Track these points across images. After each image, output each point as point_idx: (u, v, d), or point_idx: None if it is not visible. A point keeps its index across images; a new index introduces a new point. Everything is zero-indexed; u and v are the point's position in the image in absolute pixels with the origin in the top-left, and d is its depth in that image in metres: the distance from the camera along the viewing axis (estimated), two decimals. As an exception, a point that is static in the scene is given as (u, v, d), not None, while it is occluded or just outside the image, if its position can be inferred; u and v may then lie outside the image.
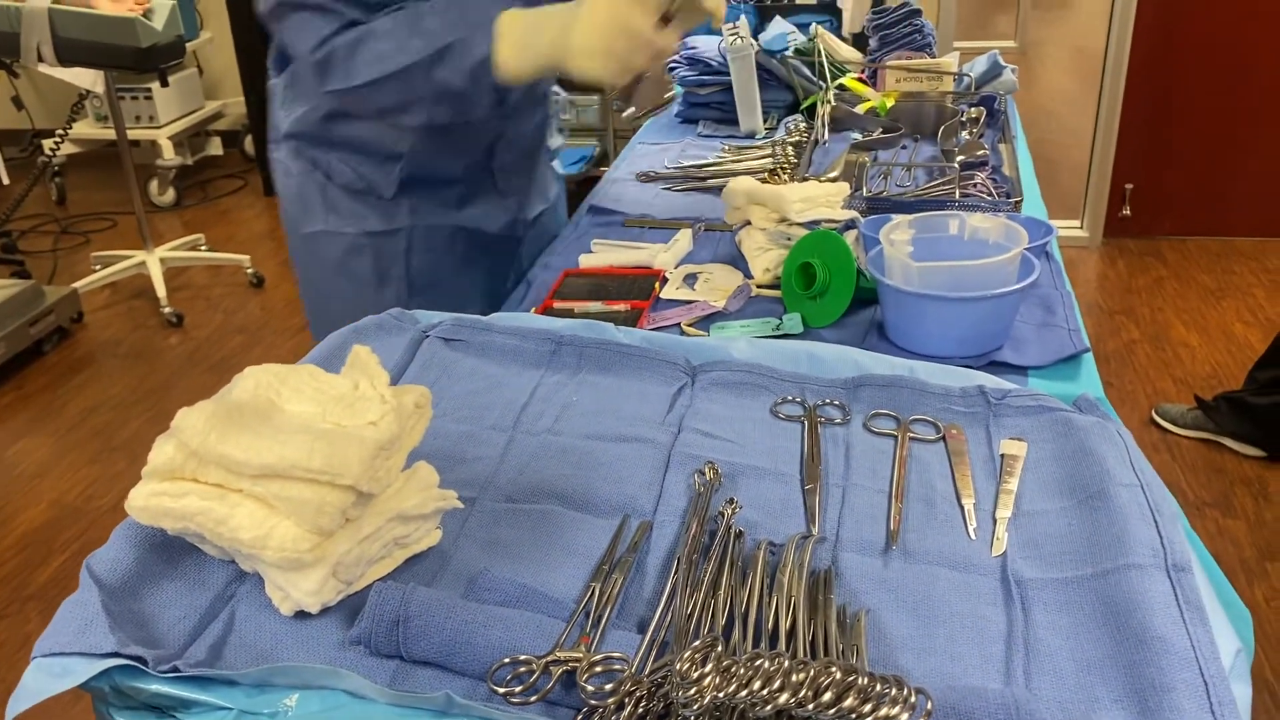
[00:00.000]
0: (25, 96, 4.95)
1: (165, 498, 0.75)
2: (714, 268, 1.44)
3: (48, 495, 2.69)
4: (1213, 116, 3.87)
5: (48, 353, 3.42)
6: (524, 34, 1.15)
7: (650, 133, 2.19)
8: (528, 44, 1.15)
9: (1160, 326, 3.39)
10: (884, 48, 2.27)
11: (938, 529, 0.86)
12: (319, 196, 1.43)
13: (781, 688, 0.62)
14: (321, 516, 0.72)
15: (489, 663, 0.70)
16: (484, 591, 0.77)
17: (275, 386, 0.80)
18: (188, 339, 3.53)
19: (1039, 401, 1.00)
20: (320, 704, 0.68)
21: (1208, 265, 3.82)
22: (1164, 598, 0.73)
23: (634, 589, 0.80)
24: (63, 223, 4.52)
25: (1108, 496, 0.84)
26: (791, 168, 1.78)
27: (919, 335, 1.18)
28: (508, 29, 1.15)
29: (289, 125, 1.42)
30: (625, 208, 1.71)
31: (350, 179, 1.41)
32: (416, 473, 0.81)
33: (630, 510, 0.88)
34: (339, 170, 1.41)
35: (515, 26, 1.15)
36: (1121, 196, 4.03)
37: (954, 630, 0.75)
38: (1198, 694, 0.66)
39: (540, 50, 1.15)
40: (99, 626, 0.71)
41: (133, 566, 0.78)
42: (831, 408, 1.03)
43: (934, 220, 1.26)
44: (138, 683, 0.69)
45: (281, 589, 0.75)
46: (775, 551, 0.82)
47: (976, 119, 1.89)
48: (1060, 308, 1.27)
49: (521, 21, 1.15)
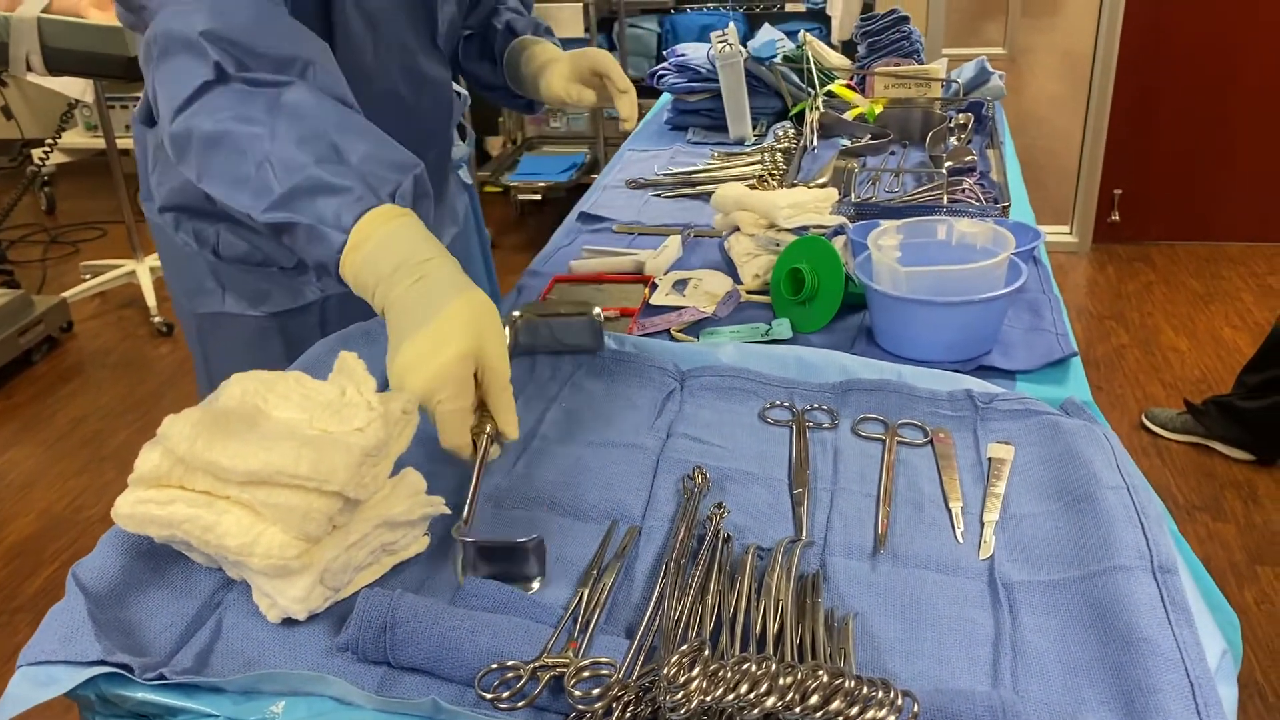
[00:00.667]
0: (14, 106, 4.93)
1: (152, 505, 0.74)
2: (703, 273, 1.44)
3: (37, 505, 2.68)
4: (1200, 122, 3.89)
5: (37, 362, 3.41)
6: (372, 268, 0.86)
7: (640, 140, 2.19)
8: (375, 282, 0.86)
9: (1149, 331, 3.40)
10: (872, 54, 2.28)
11: (925, 532, 0.86)
12: (211, 275, 1.25)
13: (768, 691, 0.62)
14: (308, 523, 0.72)
15: (476, 668, 0.70)
16: (471, 597, 0.77)
17: (262, 393, 0.80)
18: (178, 348, 3.51)
19: (1026, 405, 1.00)
20: (307, 710, 0.67)
21: (1196, 270, 3.84)
22: (1150, 599, 0.73)
23: (622, 594, 0.80)
24: (52, 232, 4.51)
25: (1094, 499, 0.84)
26: (780, 174, 1.79)
27: (907, 340, 1.19)
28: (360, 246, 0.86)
29: (166, 196, 1.22)
30: (615, 214, 1.71)
31: (245, 251, 1.23)
32: (404, 479, 0.81)
33: (619, 515, 0.88)
34: (229, 243, 1.22)
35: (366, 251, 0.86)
36: (1110, 202, 4.05)
37: (941, 633, 0.75)
38: (1184, 695, 0.66)
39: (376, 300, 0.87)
40: (85, 634, 0.70)
41: (119, 574, 0.78)
42: (820, 412, 1.03)
43: (922, 225, 1.27)
44: (124, 690, 0.69)
45: (268, 596, 0.74)
46: (763, 556, 0.82)
47: (964, 125, 1.90)
48: (1048, 312, 1.28)
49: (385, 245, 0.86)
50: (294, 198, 0.87)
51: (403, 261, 0.85)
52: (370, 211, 0.86)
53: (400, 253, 0.86)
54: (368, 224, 0.86)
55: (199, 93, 0.91)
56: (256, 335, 1.28)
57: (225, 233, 1.23)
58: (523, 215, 4.52)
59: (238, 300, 1.26)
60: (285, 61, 0.93)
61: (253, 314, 1.27)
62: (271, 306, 1.27)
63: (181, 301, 1.32)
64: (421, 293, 0.84)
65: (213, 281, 1.26)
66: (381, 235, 0.86)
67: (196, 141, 0.92)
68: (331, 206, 0.86)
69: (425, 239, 0.88)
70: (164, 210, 1.24)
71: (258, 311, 1.27)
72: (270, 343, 1.27)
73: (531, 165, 4.43)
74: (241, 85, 0.91)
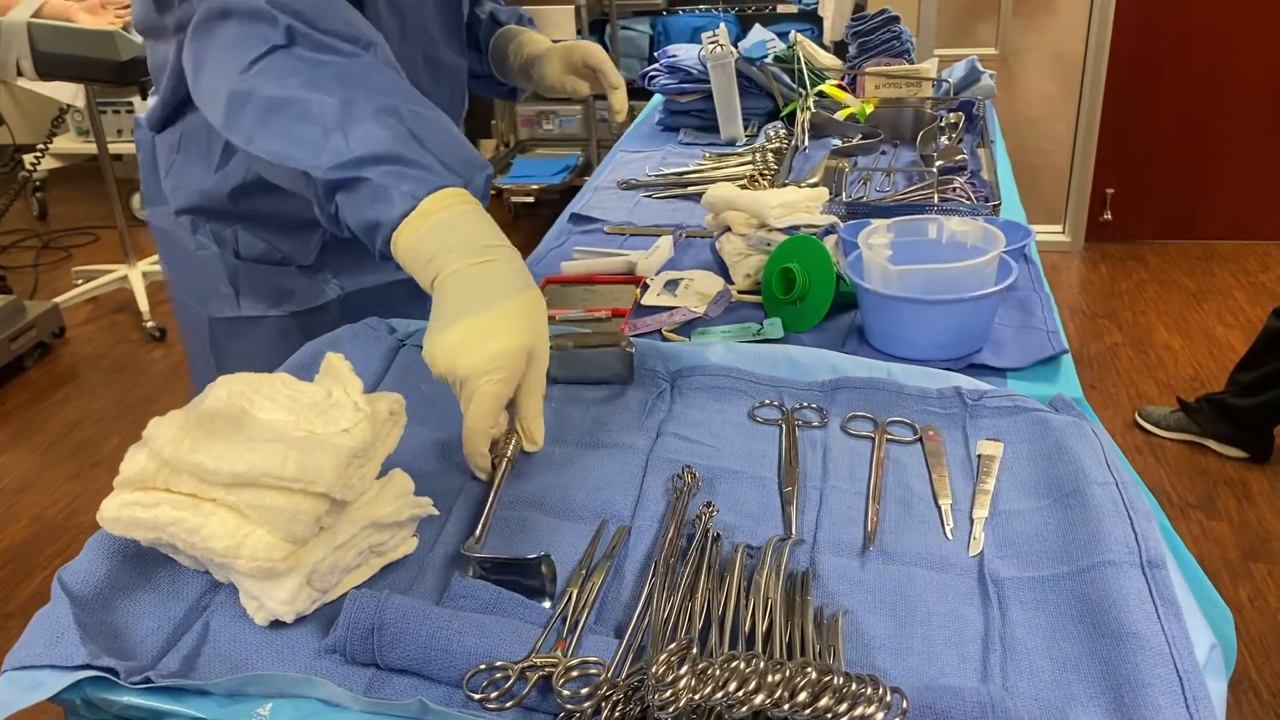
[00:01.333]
0: (5, 111, 4.93)
1: (137, 508, 0.74)
2: (695, 274, 1.44)
3: (29, 511, 2.67)
4: (1192, 121, 3.90)
5: (29, 368, 3.40)
6: (436, 239, 0.86)
7: (632, 141, 2.19)
8: (433, 252, 0.87)
9: (1142, 330, 3.41)
10: (863, 54, 2.28)
11: (915, 530, 0.86)
12: (227, 278, 1.24)
13: (757, 689, 0.62)
14: (295, 525, 0.72)
15: (465, 669, 0.69)
16: (459, 598, 0.76)
17: (248, 395, 0.79)
18: (171, 353, 3.51)
19: (1015, 402, 1.00)
20: (295, 712, 0.67)
21: (1189, 268, 3.85)
22: (1139, 594, 0.73)
23: (611, 594, 0.80)
24: (44, 237, 4.50)
25: (1083, 495, 0.84)
26: (772, 174, 1.79)
27: (898, 339, 1.19)
28: (427, 215, 0.87)
29: (185, 199, 1.21)
30: (606, 215, 1.71)
31: (263, 251, 1.23)
32: (391, 480, 0.81)
33: (608, 515, 0.88)
34: (249, 244, 1.23)
35: (432, 222, 0.87)
36: (1103, 201, 4.06)
37: (931, 630, 0.75)
38: (1173, 689, 0.66)
39: (430, 268, 0.87)
40: (70, 638, 0.70)
41: (105, 578, 0.77)
42: (809, 411, 1.03)
43: (913, 224, 1.27)
44: (110, 694, 0.68)
45: (256, 598, 0.74)
46: (752, 554, 0.82)
47: (955, 124, 1.90)
48: (1039, 310, 1.28)
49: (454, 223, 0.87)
50: (367, 162, 0.87)
51: (469, 241, 0.86)
52: (445, 190, 0.87)
53: (467, 233, 0.86)
54: (439, 200, 0.87)
55: (265, 55, 0.92)
56: (277, 335, 1.26)
57: (243, 233, 1.23)
58: (516, 218, 4.52)
59: (255, 302, 1.26)
60: (351, 37, 0.95)
61: (273, 314, 1.26)
62: (292, 306, 1.27)
63: (191, 306, 1.30)
64: (485, 276, 0.85)
65: (227, 285, 1.25)
66: (452, 213, 0.87)
67: (257, 102, 0.92)
68: (407, 176, 0.87)
69: (495, 229, 0.89)
70: (181, 213, 1.23)
71: (278, 311, 1.26)
72: (290, 342, 1.23)
73: (524, 168, 4.43)
74: (310, 53, 0.91)
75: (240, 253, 1.24)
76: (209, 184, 1.17)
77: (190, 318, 1.32)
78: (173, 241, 1.27)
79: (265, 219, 1.20)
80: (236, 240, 1.23)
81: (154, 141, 1.24)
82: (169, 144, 1.22)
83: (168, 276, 1.34)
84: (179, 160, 1.21)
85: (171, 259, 1.30)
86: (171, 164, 1.23)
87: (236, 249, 1.24)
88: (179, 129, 1.20)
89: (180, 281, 1.31)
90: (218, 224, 1.22)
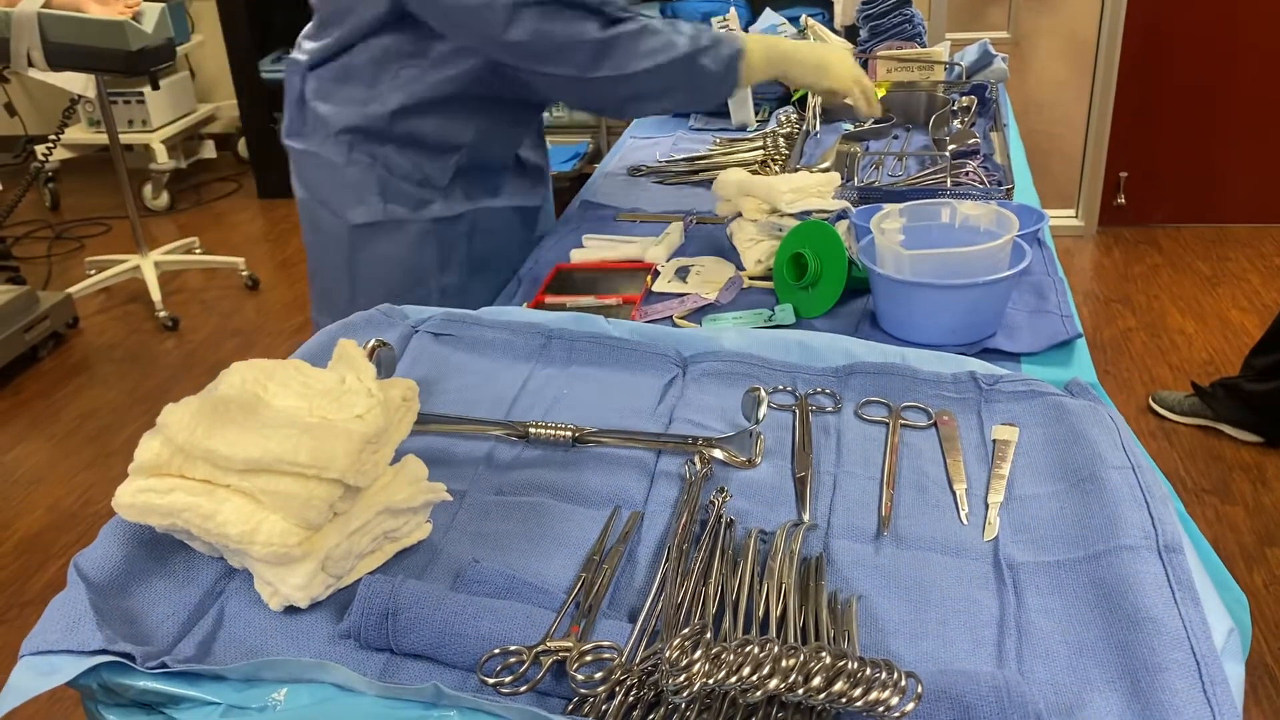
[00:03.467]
0: (17, 102, 4.94)
1: (152, 494, 0.74)
2: (706, 260, 1.43)
3: (45, 500, 2.68)
4: (1206, 103, 3.87)
5: (43, 358, 3.41)
6: (765, 47, 1.47)
7: (642, 127, 2.18)
8: (769, 54, 1.47)
9: (1156, 314, 3.38)
10: (874, 38, 2.27)
11: (929, 515, 0.85)
12: (377, 188, 1.45)
13: (771, 673, 0.62)
14: (309, 510, 0.72)
15: (479, 654, 0.69)
16: (473, 583, 0.77)
17: (262, 381, 0.79)
18: (184, 342, 3.52)
19: (1030, 386, 0.99)
20: (309, 697, 0.67)
21: (1203, 252, 3.82)
22: (1155, 579, 0.73)
23: (624, 579, 0.80)
24: (56, 228, 4.51)
25: (1099, 479, 0.84)
26: (783, 159, 1.78)
27: (911, 324, 1.18)
28: (751, 40, 1.45)
29: (347, 120, 1.42)
30: (617, 202, 1.71)
31: (408, 170, 1.44)
32: (405, 466, 0.81)
33: (621, 501, 0.88)
34: (397, 163, 1.44)
35: (756, 40, 1.47)
36: (1116, 185, 4.03)
37: (946, 614, 0.75)
38: (1190, 673, 0.65)
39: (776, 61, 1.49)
40: (87, 624, 0.70)
41: (121, 564, 0.78)
42: (822, 396, 1.02)
43: (925, 209, 1.26)
44: (126, 679, 0.69)
45: (270, 584, 0.74)
46: (766, 539, 0.82)
47: (968, 108, 1.89)
48: (1053, 294, 1.27)
49: (760, 39, 1.49)
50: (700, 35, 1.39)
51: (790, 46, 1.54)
52: None
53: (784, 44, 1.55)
54: None
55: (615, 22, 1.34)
56: (414, 239, 1.47)
57: (394, 154, 1.43)
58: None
59: (401, 208, 1.45)
60: None
61: (412, 219, 1.46)
62: (430, 214, 1.47)
63: (329, 221, 1.48)
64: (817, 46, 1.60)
65: (376, 195, 1.45)
66: None
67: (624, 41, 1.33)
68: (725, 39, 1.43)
69: None
70: (342, 133, 1.43)
71: (417, 217, 1.46)
72: (426, 245, 1.47)
73: (534, 155, 4.41)
74: None
75: (390, 169, 1.44)
76: (372, 108, 1.40)
77: (328, 230, 1.49)
78: (319, 161, 1.46)
79: (414, 140, 1.42)
80: (388, 159, 1.43)
81: (304, 78, 1.45)
82: (328, 77, 1.43)
83: (304, 197, 1.51)
84: (343, 89, 1.42)
85: (315, 178, 1.48)
86: (330, 92, 1.43)
87: (387, 166, 1.44)
88: (343, 63, 1.41)
89: (323, 197, 1.48)
90: (373, 144, 1.43)
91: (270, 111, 4.57)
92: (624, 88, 1.36)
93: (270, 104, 4.57)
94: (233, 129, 5.13)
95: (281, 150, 1.53)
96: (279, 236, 4.37)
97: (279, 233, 4.41)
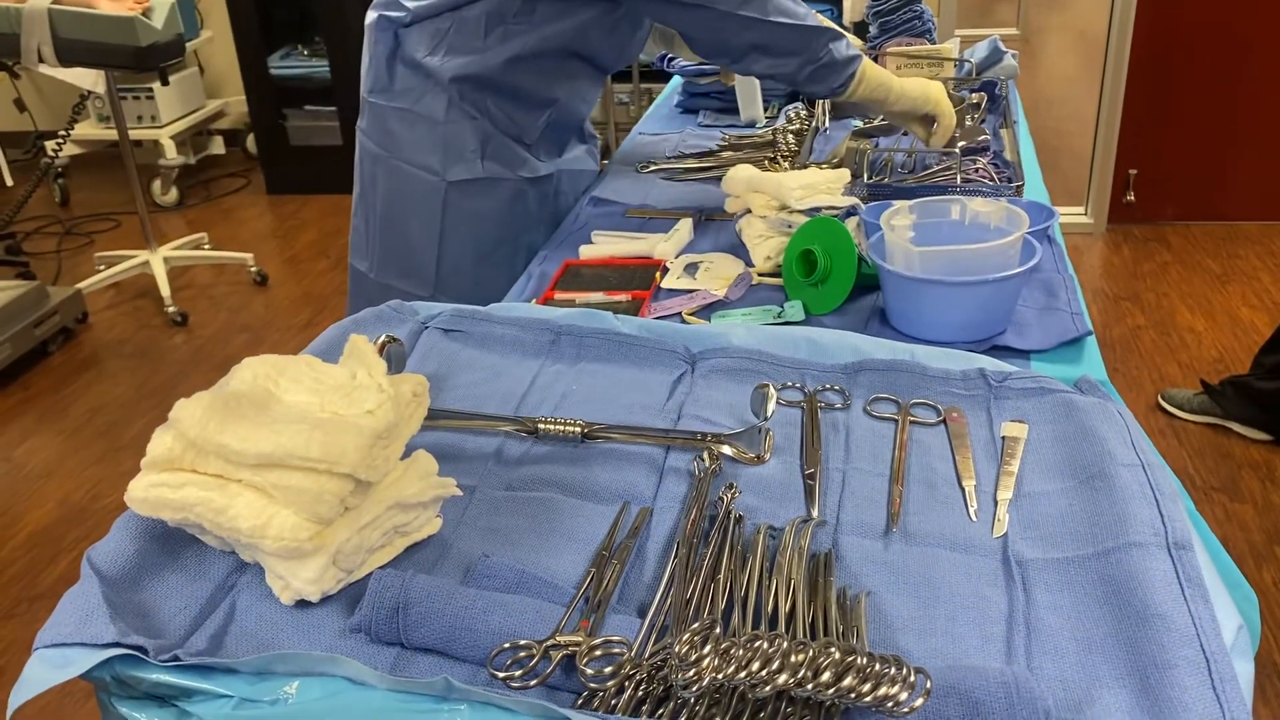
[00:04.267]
0: (27, 98, 4.95)
1: (164, 488, 0.75)
2: (715, 257, 1.43)
3: (54, 495, 2.70)
4: (1216, 101, 3.85)
5: (53, 353, 3.43)
6: (875, 68, 1.53)
7: (651, 123, 2.18)
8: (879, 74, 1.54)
9: (1166, 312, 3.38)
10: (884, 34, 2.26)
11: (939, 511, 0.85)
12: (478, 143, 1.50)
13: (780, 669, 0.62)
14: (320, 505, 0.72)
15: (489, 648, 0.70)
16: (483, 578, 0.77)
17: (273, 377, 0.80)
18: (192, 338, 3.53)
19: (1040, 383, 0.99)
20: (321, 691, 0.68)
21: (1213, 250, 3.80)
22: (1165, 575, 0.73)
23: (634, 574, 0.80)
24: (66, 224, 4.52)
25: (1109, 476, 0.84)
26: (792, 155, 1.78)
27: (921, 321, 1.18)
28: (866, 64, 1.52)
29: (455, 69, 1.46)
30: (626, 198, 1.71)
31: (504, 124, 1.50)
32: (415, 461, 0.81)
33: (630, 497, 0.88)
34: (497, 114, 1.50)
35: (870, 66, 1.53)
36: (1125, 182, 4.01)
37: (954, 611, 0.75)
38: (1199, 670, 0.65)
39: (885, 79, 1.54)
40: (100, 617, 0.71)
41: (133, 558, 0.78)
42: (831, 393, 1.02)
43: (935, 205, 1.26)
44: (139, 672, 0.69)
45: (282, 578, 0.75)
46: (775, 535, 0.82)
47: (978, 104, 1.88)
48: (1063, 291, 1.27)
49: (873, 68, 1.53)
50: None
51: None
52: None
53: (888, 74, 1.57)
54: None
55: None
56: (510, 195, 1.54)
57: (496, 103, 1.49)
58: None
59: (500, 166, 1.52)
60: None
61: (509, 177, 1.53)
62: (526, 172, 1.55)
63: (422, 176, 1.52)
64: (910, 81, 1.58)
65: (476, 151, 1.50)
66: None
67: None
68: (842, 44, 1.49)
69: None
70: (453, 82, 1.48)
71: (513, 175, 1.53)
72: (521, 203, 1.55)
73: (542, 152, 4.41)
74: None
75: (494, 120, 1.50)
76: (488, 56, 1.45)
77: (415, 187, 1.53)
78: (413, 118, 1.50)
79: (518, 92, 1.49)
80: (490, 111, 1.49)
81: (399, 36, 1.49)
82: (434, 31, 1.48)
83: (380, 154, 1.55)
84: (454, 40, 1.47)
85: (404, 136, 1.52)
86: (437, 45, 1.48)
87: (491, 118, 1.50)
88: (451, 19, 1.46)
89: (411, 154, 1.52)
90: (481, 94, 1.48)
91: (279, 107, 4.58)
92: (758, 32, 1.41)
93: (279, 100, 4.57)
94: (241, 125, 5.14)
95: (290, 146, 1.56)
96: (287, 232, 4.38)
97: (287, 229, 4.42)
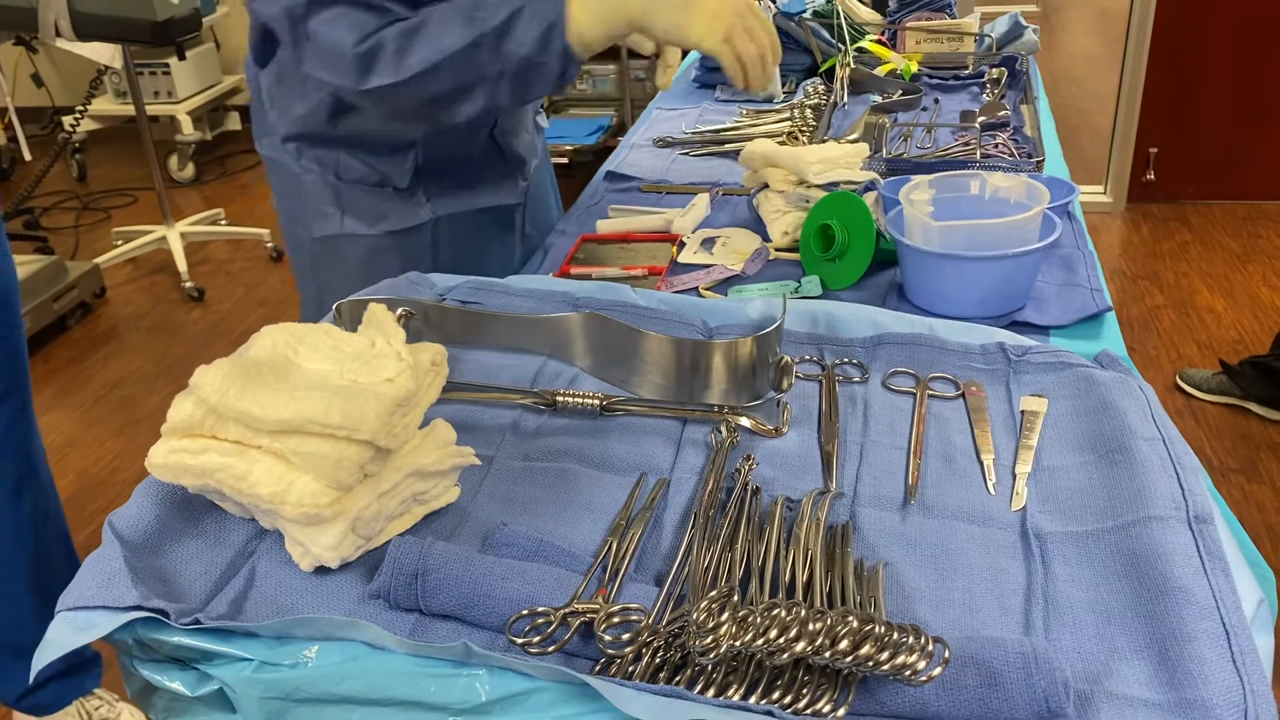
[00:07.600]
0: (45, 74, 4.97)
1: (185, 454, 0.75)
2: (732, 231, 1.43)
3: (74, 467, 2.72)
4: (1238, 79, 3.80)
5: (71, 327, 3.45)
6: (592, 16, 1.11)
7: (668, 98, 2.17)
8: (604, 5, 1.11)
9: (1185, 291, 3.35)
10: (904, 9, 2.25)
11: (957, 484, 0.85)
12: (331, 197, 1.35)
13: (798, 636, 0.62)
14: (339, 471, 0.72)
15: (507, 615, 0.70)
16: (501, 546, 0.77)
17: (292, 344, 0.80)
18: (209, 313, 3.55)
19: (1060, 358, 0.99)
20: (340, 655, 0.68)
21: (1233, 229, 3.77)
22: (1185, 549, 0.73)
23: (651, 544, 0.80)
24: (84, 199, 4.54)
25: (1129, 450, 0.83)
26: (810, 130, 1.76)
27: (939, 296, 1.17)
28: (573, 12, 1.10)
29: (289, 126, 1.32)
30: (642, 173, 1.70)
31: (362, 173, 1.33)
32: (434, 430, 0.82)
33: (647, 468, 0.88)
34: (348, 166, 1.33)
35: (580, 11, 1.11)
36: (1145, 160, 3.98)
37: (972, 583, 0.75)
38: (1219, 643, 0.65)
39: (618, 6, 1.11)
40: (121, 581, 0.71)
41: (154, 524, 0.79)
42: (850, 366, 1.02)
43: (954, 180, 1.25)
44: (160, 635, 0.70)
45: (301, 544, 0.75)
46: (792, 507, 0.82)
47: (998, 80, 1.87)
48: (1082, 267, 1.26)
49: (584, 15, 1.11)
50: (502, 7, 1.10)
51: None
52: None
53: None
54: None
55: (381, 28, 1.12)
56: (374, 253, 1.37)
57: (344, 157, 1.33)
58: (549, 179, 4.49)
59: (356, 221, 1.36)
60: None
61: (371, 233, 1.36)
62: (389, 225, 1.36)
63: (296, 231, 1.41)
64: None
65: (332, 206, 1.36)
66: None
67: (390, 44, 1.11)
68: None
69: None
70: (287, 140, 1.34)
71: (375, 231, 1.36)
72: (386, 259, 1.36)
73: (557, 128, 4.40)
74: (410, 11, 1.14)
75: (341, 174, 1.34)
76: (307, 110, 1.29)
77: (296, 241, 1.42)
78: (281, 169, 1.37)
79: (362, 142, 1.32)
80: (338, 163, 1.34)
81: (259, 76, 1.35)
82: (270, 77, 1.32)
83: (277, 204, 1.43)
84: (279, 91, 1.32)
85: (280, 186, 1.40)
86: (274, 95, 1.33)
87: (338, 171, 1.34)
88: (276, 64, 1.30)
89: (288, 206, 1.41)
90: (320, 149, 1.33)
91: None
92: (414, 93, 1.14)
93: (295, 76, 4.57)
94: (257, 101, 5.14)
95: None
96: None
97: (303, 205, 4.42)
